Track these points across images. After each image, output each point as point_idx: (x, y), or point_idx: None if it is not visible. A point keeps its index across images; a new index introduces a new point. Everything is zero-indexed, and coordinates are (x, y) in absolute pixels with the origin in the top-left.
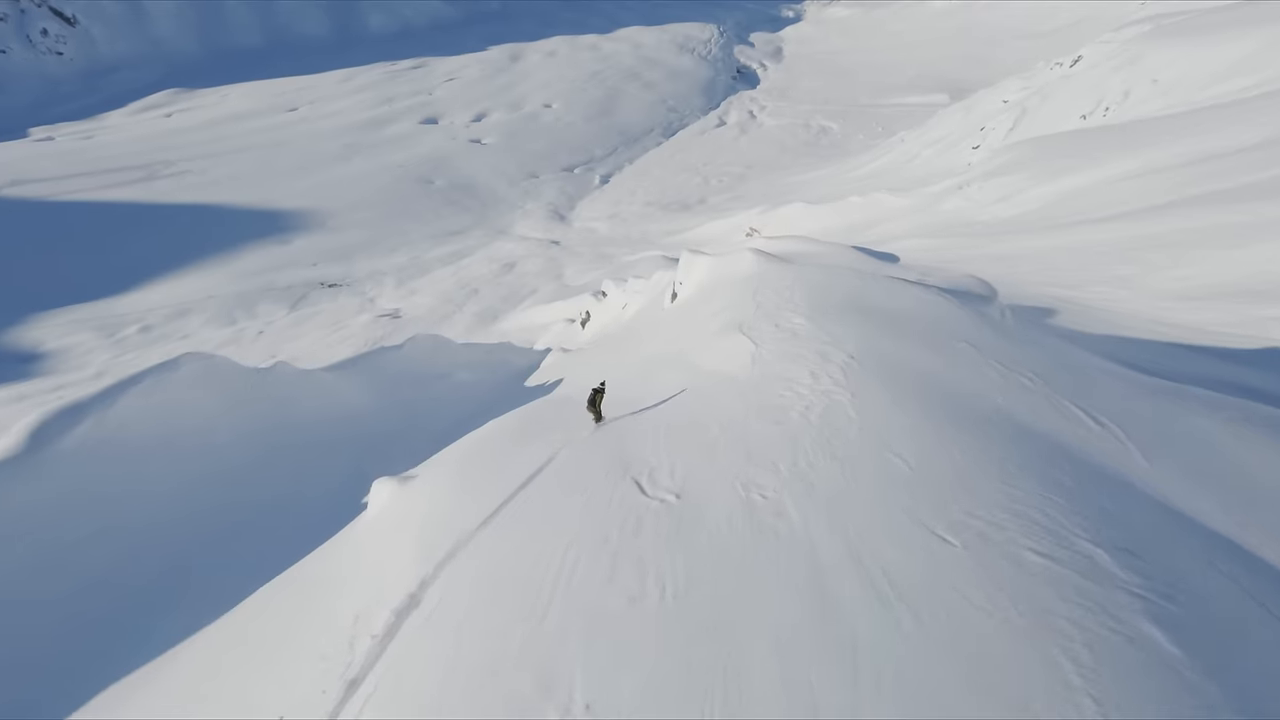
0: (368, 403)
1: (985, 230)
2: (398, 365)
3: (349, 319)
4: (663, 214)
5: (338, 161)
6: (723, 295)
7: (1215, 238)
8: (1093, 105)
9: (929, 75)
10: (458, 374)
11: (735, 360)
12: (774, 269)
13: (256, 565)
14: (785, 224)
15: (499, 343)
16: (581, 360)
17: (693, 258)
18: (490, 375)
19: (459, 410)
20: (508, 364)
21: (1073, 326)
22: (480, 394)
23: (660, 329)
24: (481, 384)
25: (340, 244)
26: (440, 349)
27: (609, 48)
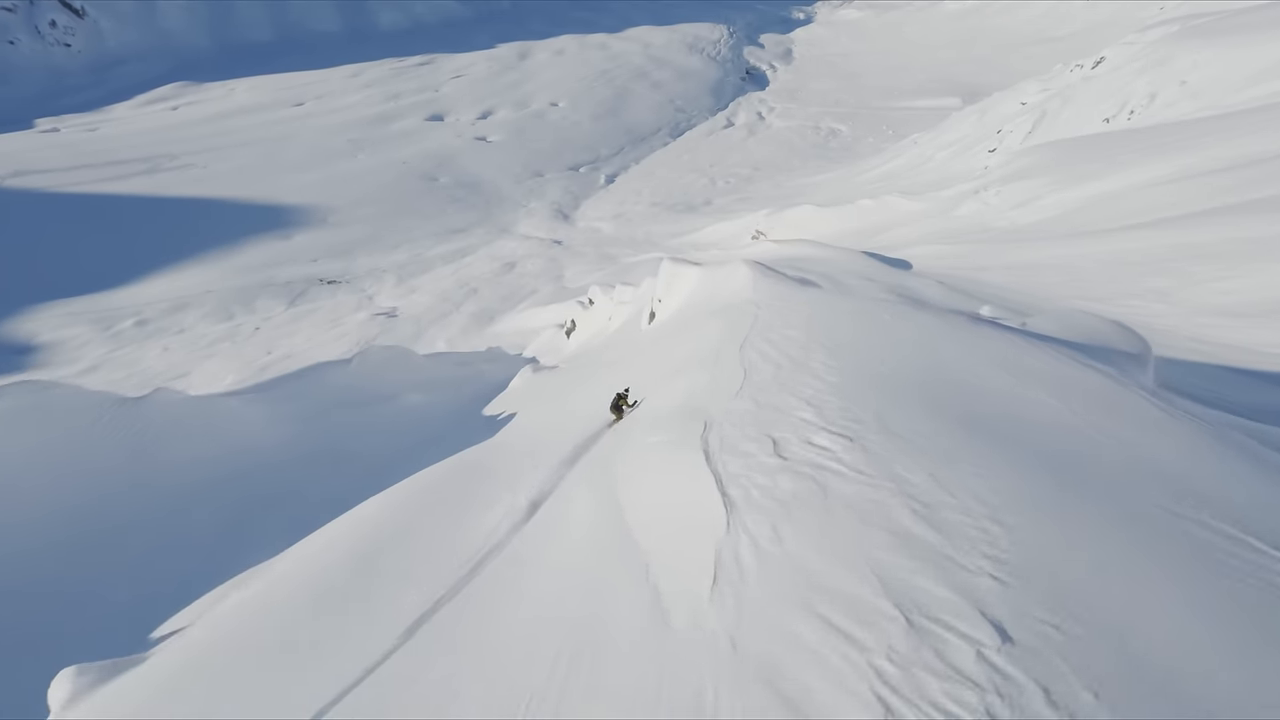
0: (278, 435)
1: (1003, 237)
2: (337, 385)
3: (346, 316)
4: (668, 215)
5: (342, 157)
6: (701, 337)
7: (1266, 249)
8: (1117, 108)
9: (941, 79)
10: (408, 396)
11: (682, 558)
12: (777, 295)
13: None
14: (794, 227)
15: (474, 353)
16: (542, 390)
17: (676, 268)
18: (447, 398)
19: (391, 445)
20: (472, 383)
21: None
22: (426, 423)
23: (621, 367)
24: (432, 409)
25: (342, 240)
26: (395, 364)
27: (618, 47)
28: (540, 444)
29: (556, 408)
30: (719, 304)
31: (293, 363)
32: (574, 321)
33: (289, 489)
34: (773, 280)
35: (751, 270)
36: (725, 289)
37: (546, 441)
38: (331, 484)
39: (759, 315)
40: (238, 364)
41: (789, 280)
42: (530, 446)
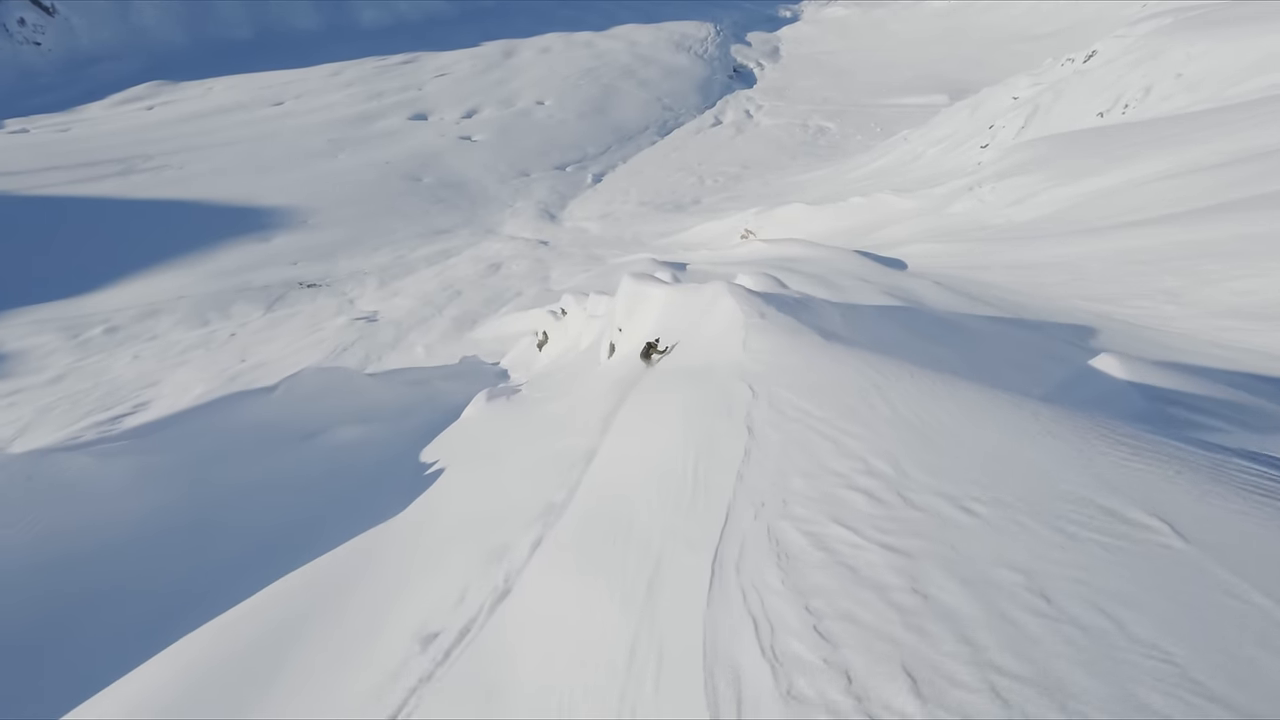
0: (139, 502)
1: (1000, 235)
2: (250, 422)
3: (326, 321)
4: (656, 214)
5: (323, 157)
6: (660, 436)
7: None
8: (1111, 102)
9: (927, 76)
10: (340, 430)
11: None
12: (775, 353)
13: None
14: (784, 225)
15: (436, 368)
16: (489, 428)
17: (639, 288)
18: (386, 431)
19: (292, 509)
20: (422, 410)
21: (1119, 349)
22: (347, 473)
23: (557, 437)
24: (363, 450)
25: (323, 242)
26: (333, 389)
27: (604, 45)
28: (444, 549)
29: (486, 477)
30: (694, 357)
31: (264, 373)
32: (546, 334)
33: (132, 581)
34: (768, 327)
35: (738, 305)
36: (702, 329)
37: (455, 542)
38: (195, 572)
39: (752, 365)
40: (209, 373)
41: (786, 320)
42: (434, 547)
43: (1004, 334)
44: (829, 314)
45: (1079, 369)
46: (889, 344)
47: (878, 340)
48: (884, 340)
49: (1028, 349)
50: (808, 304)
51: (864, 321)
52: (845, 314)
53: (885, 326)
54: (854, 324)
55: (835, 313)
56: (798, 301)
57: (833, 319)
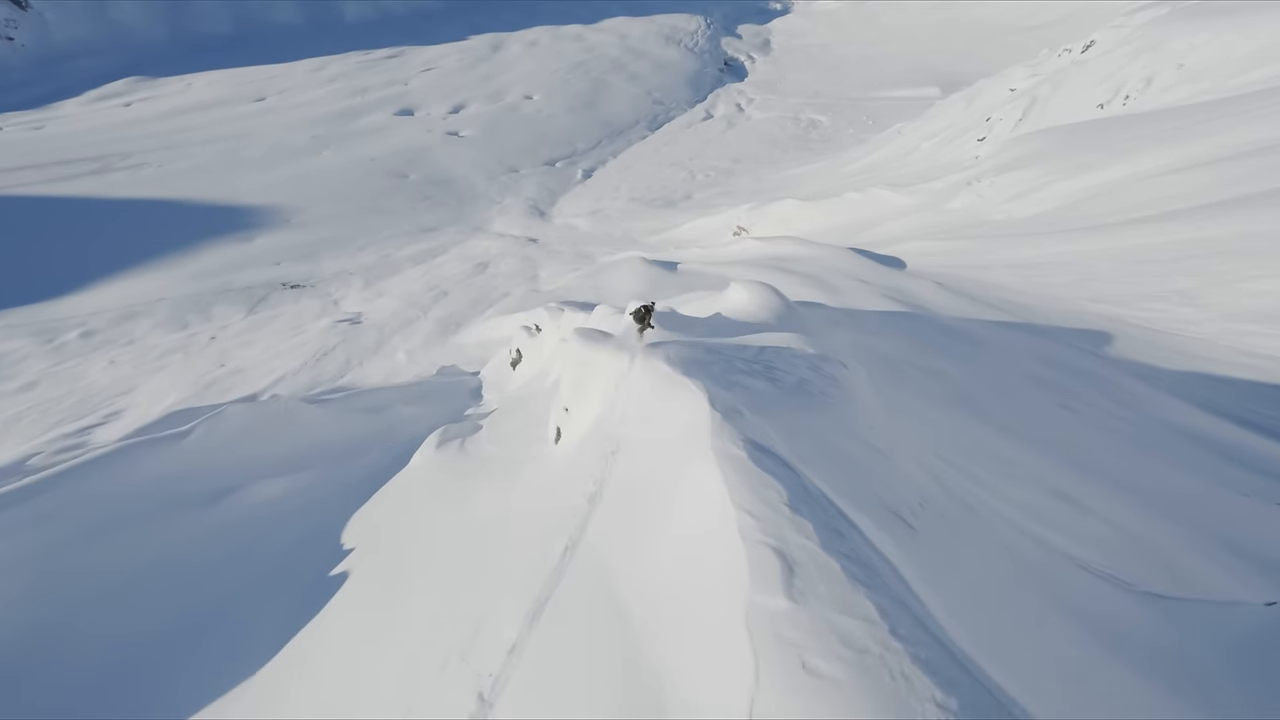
0: None
1: (1001, 231)
2: (151, 477)
3: (309, 323)
4: (647, 210)
5: (306, 154)
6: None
7: None
8: (1111, 93)
9: (919, 69)
10: (260, 487)
11: None
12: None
13: None
14: (777, 222)
15: (398, 387)
16: (430, 496)
17: (587, 354)
18: (316, 486)
19: (151, 618)
20: (368, 451)
21: (1137, 358)
22: (264, 546)
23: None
24: (287, 514)
25: (306, 242)
26: (264, 427)
27: (594, 38)
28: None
29: (393, 600)
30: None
31: (241, 380)
32: (519, 351)
33: None
34: (753, 471)
35: (711, 436)
36: (665, 447)
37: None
38: (22, 704)
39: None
40: (185, 379)
41: (770, 455)
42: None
43: (1015, 342)
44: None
45: (1102, 383)
46: (895, 360)
47: (877, 354)
48: (883, 353)
49: (1043, 360)
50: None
51: (866, 331)
52: (847, 320)
53: (889, 338)
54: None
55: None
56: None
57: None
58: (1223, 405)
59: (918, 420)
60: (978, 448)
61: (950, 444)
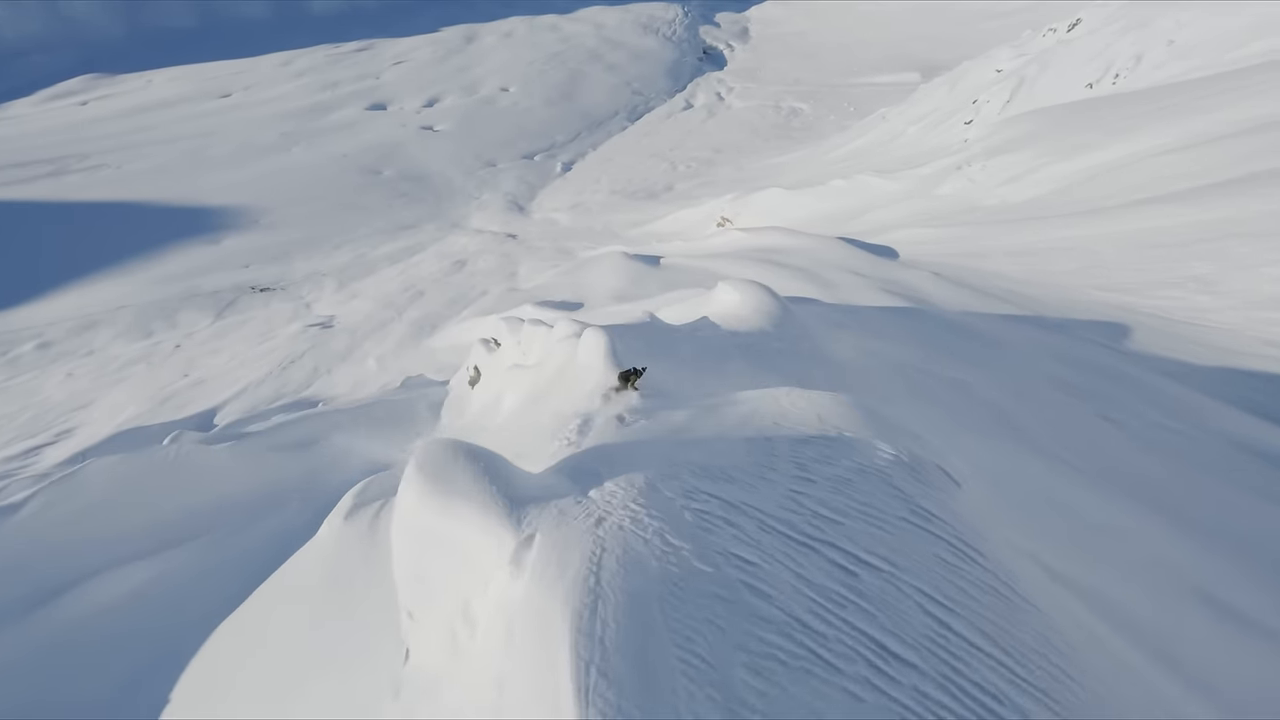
0: None
1: (995, 217)
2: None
3: (279, 328)
4: (628, 203)
5: (275, 152)
6: None
7: None
8: (1100, 72)
9: (898, 55)
10: (117, 575)
11: None
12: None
13: None
14: (761, 212)
15: (342, 411)
16: (306, 614)
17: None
18: (198, 566)
19: None
20: (292, 500)
21: (1161, 353)
22: (88, 687)
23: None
24: (134, 630)
25: (277, 242)
26: (147, 480)
27: (570, 28)
28: None
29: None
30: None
31: (202, 391)
32: (477, 369)
33: None
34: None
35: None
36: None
37: None
38: None
39: None
40: (145, 392)
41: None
42: None
43: (1030, 340)
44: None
45: (1137, 386)
46: (910, 370)
47: (890, 363)
48: (896, 362)
49: (1065, 360)
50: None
51: (870, 332)
52: (848, 320)
53: (897, 341)
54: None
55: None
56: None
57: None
58: (1269, 408)
59: (966, 461)
60: (1059, 514)
61: (1030, 518)
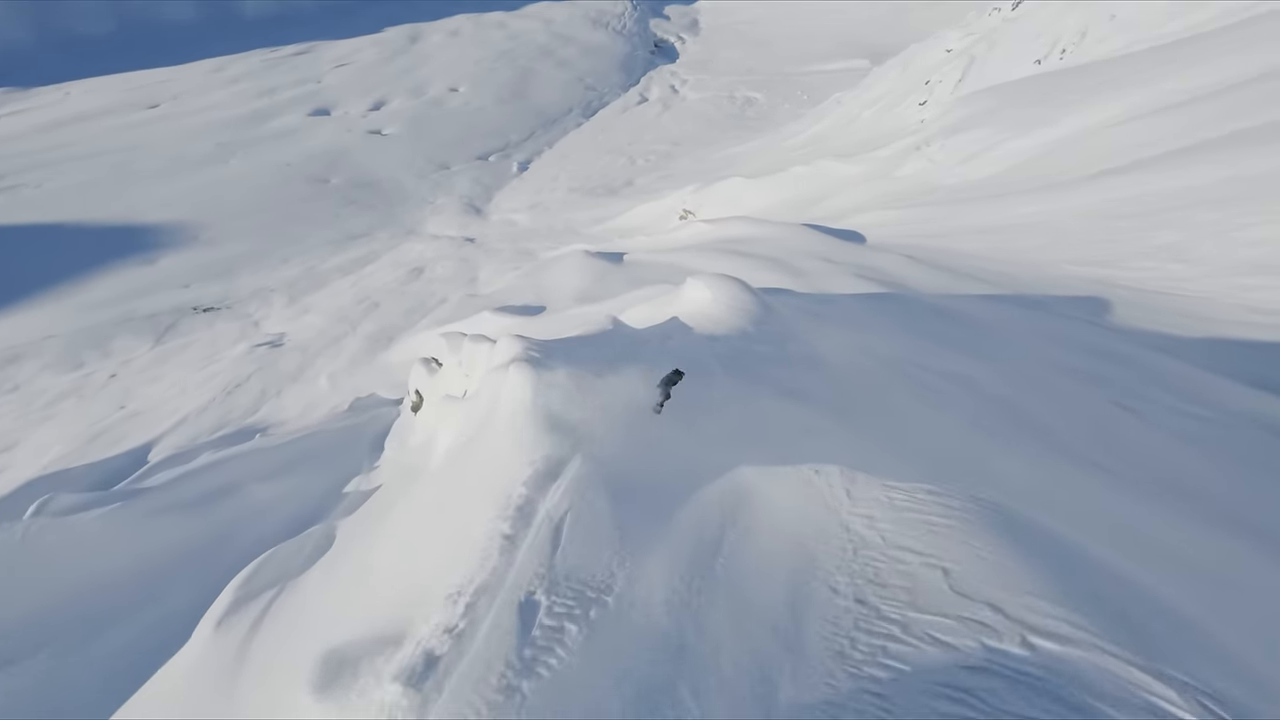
0: None
1: (958, 196)
2: None
3: (225, 350)
4: (588, 200)
5: (211, 163)
6: None
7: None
8: (1048, 48)
9: (846, 41)
10: None
11: None
12: None
13: None
14: (723, 202)
15: (271, 449)
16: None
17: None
18: (42, 688)
19: None
20: (178, 581)
21: (1146, 326)
22: None
23: None
24: None
25: (218, 259)
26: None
27: (517, 25)
28: None
29: None
30: None
31: (138, 425)
32: (419, 394)
33: None
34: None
35: None
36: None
37: None
38: None
39: None
40: (75, 428)
41: None
42: None
43: (1017, 321)
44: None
45: (1141, 367)
46: (904, 365)
47: (884, 361)
48: (890, 358)
49: (1059, 341)
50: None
51: (853, 324)
52: (827, 311)
53: (883, 332)
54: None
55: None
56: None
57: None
58: (1272, 380)
59: (1000, 490)
60: (1135, 545)
61: (1114, 557)
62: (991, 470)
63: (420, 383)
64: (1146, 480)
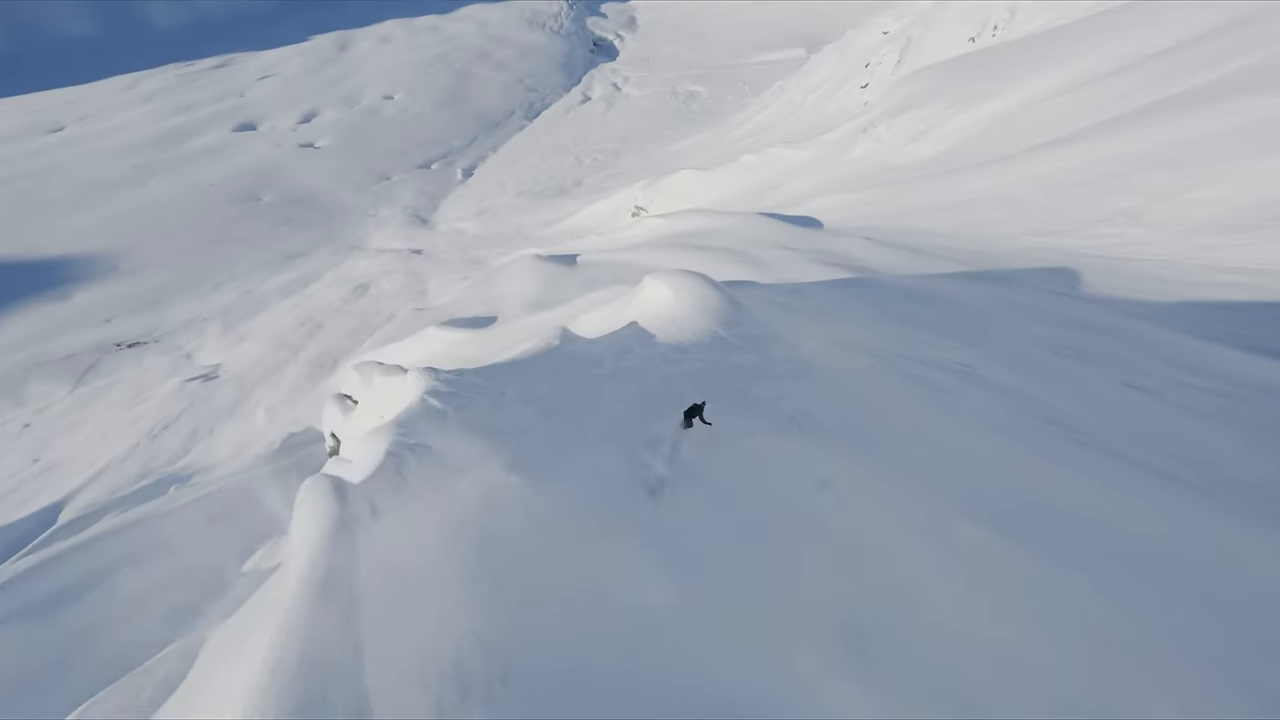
0: None
1: (910, 175)
2: None
3: (153, 387)
4: (537, 203)
5: (128, 187)
6: None
7: (1224, 146)
8: (980, 26)
9: (782, 32)
10: None
11: None
12: None
13: None
14: (674, 197)
15: (141, 524)
16: None
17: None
18: None
19: None
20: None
21: (1121, 294)
22: None
23: None
24: None
25: (142, 289)
26: None
27: (451, 28)
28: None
29: None
30: None
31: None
32: (335, 436)
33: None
34: None
35: None
36: None
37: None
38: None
39: None
40: None
41: None
42: None
43: (992, 299)
44: None
45: (1132, 338)
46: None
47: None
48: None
49: (1039, 317)
50: None
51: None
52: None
53: (859, 321)
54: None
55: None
56: None
57: None
58: (1264, 342)
59: (1043, 504)
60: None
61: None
62: (1027, 479)
63: (334, 424)
64: (1186, 472)
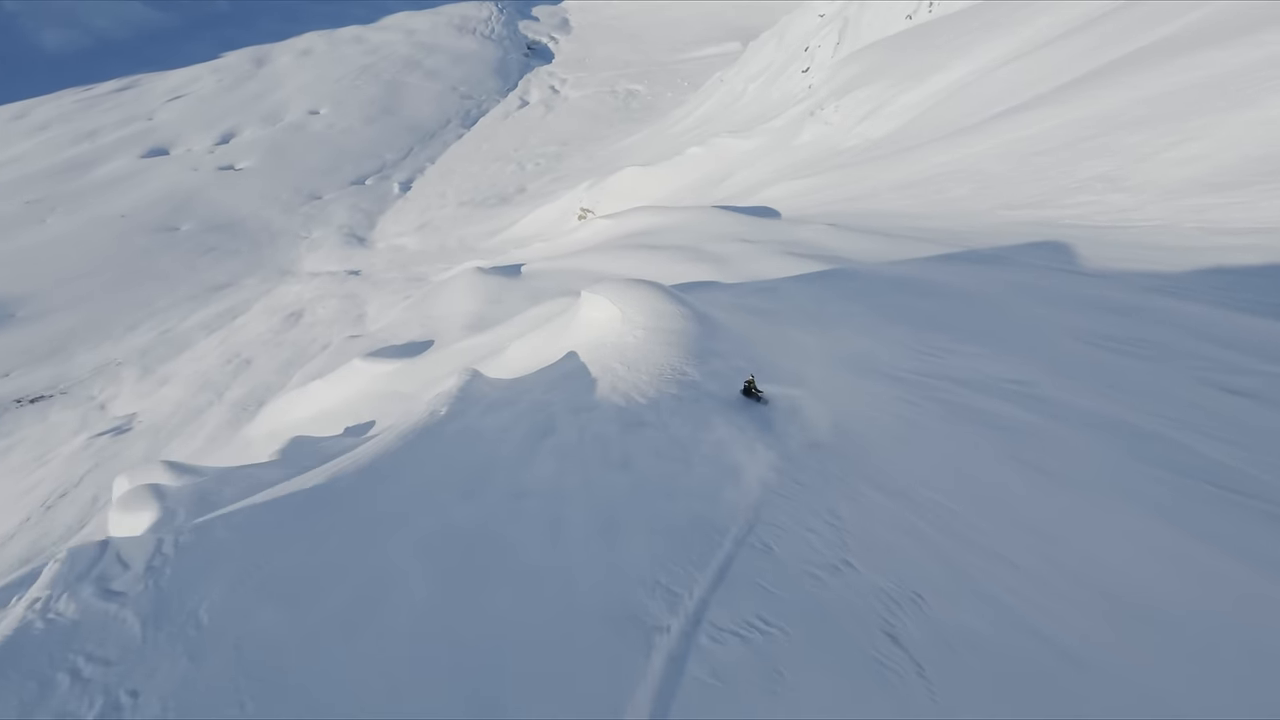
0: None
1: (864, 156)
2: None
3: (58, 446)
4: (480, 212)
5: (22, 225)
6: None
7: (1192, 102)
8: (916, 3)
9: (715, 26)
10: None
11: None
12: None
13: None
14: (620, 196)
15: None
16: None
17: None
18: None
19: None
20: None
21: (1114, 265)
22: None
23: None
24: None
25: (46, 336)
26: None
27: (377, 38)
28: None
29: None
30: None
31: None
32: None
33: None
34: None
35: None
36: None
37: None
38: None
39: None
40: None
41: None
42: None
43: (995, 284)
44: None
45: (1135, 313)
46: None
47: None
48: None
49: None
50: None
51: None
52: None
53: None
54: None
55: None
56: None
57: None
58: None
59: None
60: None
61: None
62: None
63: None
64: None
